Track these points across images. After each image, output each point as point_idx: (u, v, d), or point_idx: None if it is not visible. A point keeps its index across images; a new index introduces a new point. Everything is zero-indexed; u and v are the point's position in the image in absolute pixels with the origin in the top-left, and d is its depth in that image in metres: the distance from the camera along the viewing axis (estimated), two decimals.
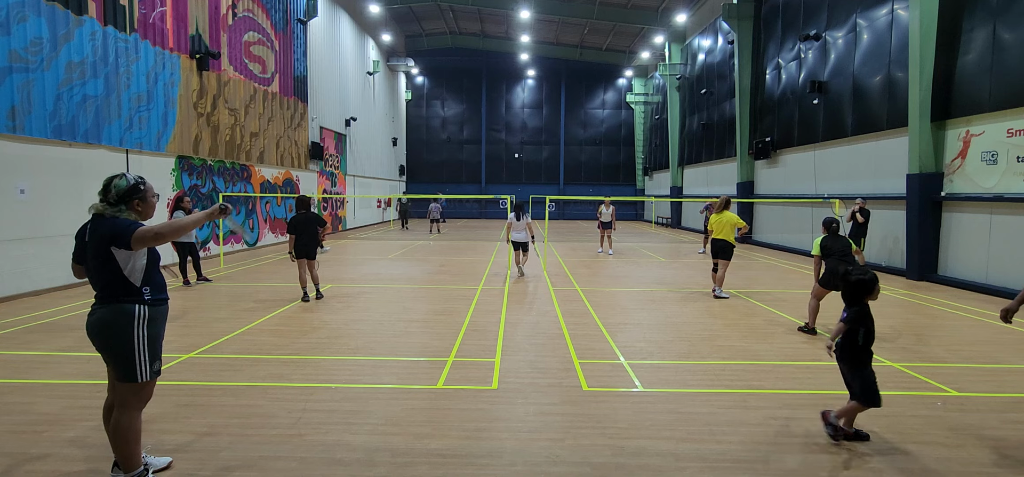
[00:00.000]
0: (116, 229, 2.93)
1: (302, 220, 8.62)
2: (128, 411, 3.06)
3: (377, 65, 29.58)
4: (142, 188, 3.09)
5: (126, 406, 3.05)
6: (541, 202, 35.08)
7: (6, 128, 8.72)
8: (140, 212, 3.08)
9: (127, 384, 3.03)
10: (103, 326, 2.97)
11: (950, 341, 6.64)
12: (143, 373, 3.02)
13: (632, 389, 4.83)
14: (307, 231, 8.61)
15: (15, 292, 8.82)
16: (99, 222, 2.99)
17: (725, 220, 9.07)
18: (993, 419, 4.22)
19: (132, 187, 3.05)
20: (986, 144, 10.37)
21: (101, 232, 2.95)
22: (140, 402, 3.09)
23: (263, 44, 17.27)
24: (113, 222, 2.96)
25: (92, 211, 3.03)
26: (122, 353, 2.97)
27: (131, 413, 3.06)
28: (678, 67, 29.22)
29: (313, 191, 21.09)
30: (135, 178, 3.09)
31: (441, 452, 3.61)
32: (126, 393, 3.04)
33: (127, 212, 3.03)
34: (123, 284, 2.97)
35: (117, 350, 2.98)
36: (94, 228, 2.99)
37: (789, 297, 9.47)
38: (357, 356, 5.78)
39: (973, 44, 10.73)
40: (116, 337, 2.96)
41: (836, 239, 6.72)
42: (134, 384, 3.03)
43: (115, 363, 3.01)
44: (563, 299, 8.97)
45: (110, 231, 2.93)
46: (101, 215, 3.01)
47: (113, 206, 3.02)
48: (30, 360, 5.56)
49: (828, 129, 15.59)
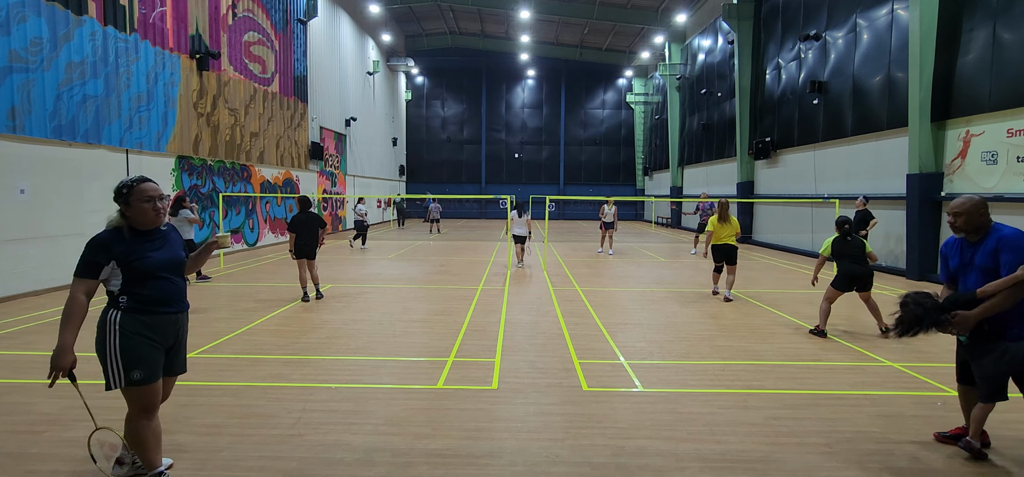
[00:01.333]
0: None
1: (303, 220, 8.63)
2: (130, 418, 2.96)
3: (377, 65, 29.58)
4: (124, 191, 2.86)
5: (128, 411, 2.97)
6: (541, 202, 35.08)
7: (6, 128, 8.72)
8: (129, 218, 2.88)
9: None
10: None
11: (950, 341, 6.62)
12: (115, 381, 2.85)
13: (632, 389, 4.83)
14: (308, 231, 8.62)
15: (15, 292, 8.82)
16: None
17: (730, 225, 9.13)
18: (992, 419, 4.22)
19: (116, 189, 2.89)
20: (986, 144, 10.36)
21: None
22: (135, 409, 2.93)
23: (263, 44, 17.27)
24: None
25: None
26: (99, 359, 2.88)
27: (131, 420, 2.95)
28: (678, 67, 29.22)
29: (313, 191, 21.09)
30: (127, 179, 2.92)
31: (441, 452, 3.61)
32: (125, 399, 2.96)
33: (117, 218, 2.89)
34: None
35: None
36: None
37: (789, 297, 9.47)
38: (357, 356, 5.78)
39: (973, 44, 10.72)
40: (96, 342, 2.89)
41: (846, 242, 6.69)
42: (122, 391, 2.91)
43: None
44: (563, 299, 8.97)
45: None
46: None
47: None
48: (30, 360, 5.56)
49: (828, 129, 15.58)
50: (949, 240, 3.65)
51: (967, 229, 3.40)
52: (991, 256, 3.27)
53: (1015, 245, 3.19)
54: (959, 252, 3.52)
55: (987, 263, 3.29)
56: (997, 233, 3.31)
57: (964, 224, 3.39)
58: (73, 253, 9.73)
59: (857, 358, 5.84)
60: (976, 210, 3.37)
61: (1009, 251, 3.19)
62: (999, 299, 3.17)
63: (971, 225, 3.38)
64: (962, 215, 3.39)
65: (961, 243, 3.52)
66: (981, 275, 3.32)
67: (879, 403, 4.56)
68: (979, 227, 3.37)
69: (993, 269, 3.26)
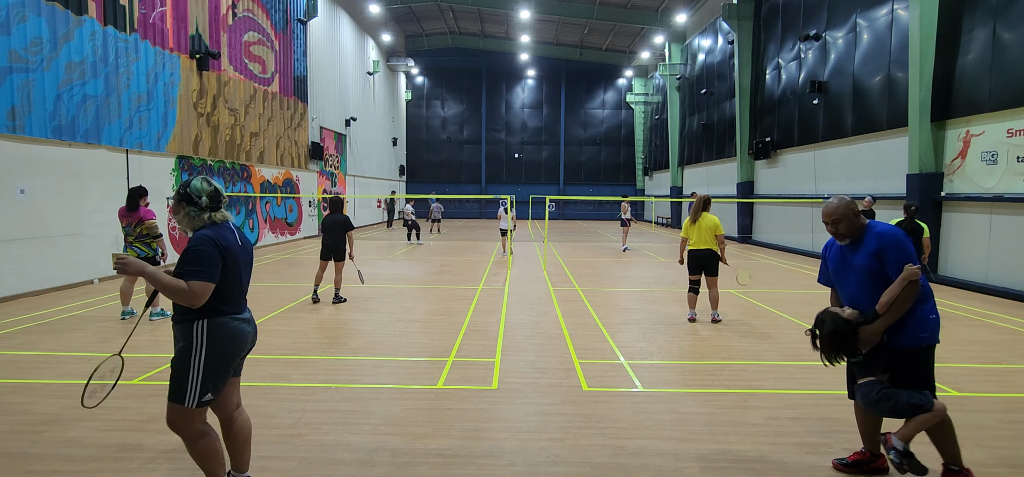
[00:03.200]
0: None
1: (332, 223, 8.62)
2: (184, 436, 2.76)
3: (377, 65, 29.58)
4: (213, 188, 2.81)
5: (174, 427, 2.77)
6: (541, 202, 35.10)
7: (6, 128, 8.72)
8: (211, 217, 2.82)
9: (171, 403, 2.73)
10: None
11: (950, 341, 6.63)
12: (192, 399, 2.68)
13: (632, 389, 4.83)
14: (336, 233, 8.60)
15: (15, 292, 8.82)
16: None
17: (705, 225, 7.25)
18: (993, 419, 4.22)
19: (199, 190, 2.79)
20: (986, 144, 10.36)
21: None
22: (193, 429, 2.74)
23: (263, 44, 17.27)
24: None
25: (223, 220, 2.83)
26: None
27: (190, 438, 2.76)
28: (678, 67, 29.22)
29: (313, 191, 21.10)
30: (206, 178, 2.85)
31: (441, 452, 3.61)
32: (170, 410, 2.74)
33: (206, 217, 2.80)
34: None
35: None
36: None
37: (789, 297, 9.47)
38: (357, 356, 5.78)
39: (973, 44, 10.72)
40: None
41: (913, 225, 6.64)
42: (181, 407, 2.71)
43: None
44: (563, 299, 8.97)
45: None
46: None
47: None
48: (30, 360, 5.56)
49: (828, 129, 15.59)
50: (829, 242, 3.40)
51: (849, 234, 3.16)
52: (873, 257, 3.05)
53: (897, 242, 3.02)
54: (839, 255, 3.28)
55: (869, 264, 3.07)
56: (874, 231, 3.11)
57: (846, 229, 3.15)
58: (73, 253, 9.79)
59: None
60: (852, 212, 3.14)
61: (894, 249, 3.01)
62: (898, 304, 2.97)
63: (851, 229, 3.15)
64: (841, 221, 3.13)
65: (839, 245, 3.28)
66: (862, 276, 3.12)
67: None
68: (857, 229, 3.16)
69: (876, 270, 3.05)
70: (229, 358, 2.75)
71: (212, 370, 2.68)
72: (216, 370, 2.70)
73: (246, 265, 2.88)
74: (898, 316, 2.99)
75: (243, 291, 2.87)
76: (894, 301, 2.97)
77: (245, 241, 2.90)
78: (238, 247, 2.80)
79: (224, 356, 2.72)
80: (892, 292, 2.97)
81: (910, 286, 2.95)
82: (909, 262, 2.98)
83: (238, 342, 2.78)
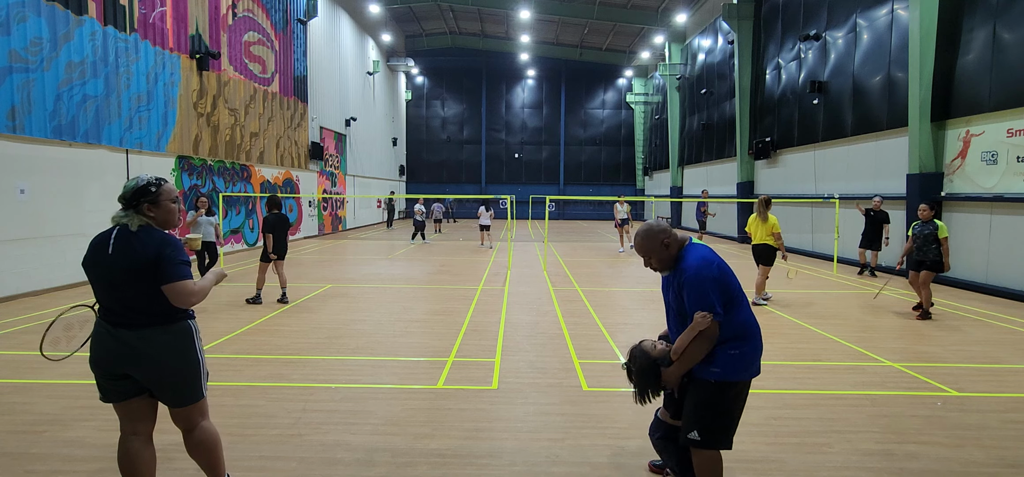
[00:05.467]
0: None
1: (275, 220, 8.43)
2: (203, 425, 2.82)
3: (377, 65, 29.58)
4: (153, 189, 2.65)
5: (197, 424, 2.81)
6: (541, 202, 35.09)
7: (6, 128, 8.72)
8: (153, 218, 2.66)
9: (193, 404, 2.76)
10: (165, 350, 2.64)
11: (950, 341, 6.63)
12: (203, 390, 2.77)
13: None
14: (282, 232, 8.50)
15: (15, 292, 8.82)
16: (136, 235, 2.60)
17: (768, 223, 8.55)
18: (993, 419, 4.22)
19: (136, 190, 2.63)
20: (986, 144, 10.36)
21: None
22: (201, 415, 2.81)
23: (263, 44, 17.27)
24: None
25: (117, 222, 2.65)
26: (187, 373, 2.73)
27: (206, 424, 2.83)
28: (678, 67, 29.22)
29: (313, 191, 21.10)
30: (147, 178, 2.70)
31: (441, 452, 3.61)
32: (193, 412, 2.78)
33: (138, 219, 2.63)
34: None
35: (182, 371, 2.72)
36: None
37: (789, 297, 9.47)
38: (357, 356, 5.78)
39: (973, 44, 10.72)
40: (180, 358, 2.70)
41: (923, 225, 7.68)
42: (201, 401, 2.78)
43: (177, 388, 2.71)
44: (563, 299, 8.97)
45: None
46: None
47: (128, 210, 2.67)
48: (30, 360, 5.56)
49: (828, 129, 15.58)
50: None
51: (663, 266, 2.79)
52: (678, 293, 2.72)
53: (695, 283, 2.61)
54: (665, 283, 2.92)
55: (677, 304, 2.76)
56: (681, 265, 2.72)
57: (658, 264, 2.78)
58: (73, 253, 9.78)
59: (857, 358, 5.84)
60: (658, 244, 2.73)
61: (690, 289, 2.62)
62: (689, 353, 2.66)
63: (664, 261, 2.76)
64: (651, 255, 2.77)
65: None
66: (676, 316, 2.81)
67: (879, 403, 4.56)
68: (667, 260, 2.76)
69: (682, 307, 2.72)
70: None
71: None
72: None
73: (101, 276, 2.60)
74: (691, 364, 2.69)
75: (110, 301, 2.61)
76: (684, 349, 2.67)
77: (116, 248, 2.58)
78: (93, 258, 2.60)
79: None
80: (682, 340, 2.67)
81: (700, 337, 2.61)
82: (703, 308, 2.58)
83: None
